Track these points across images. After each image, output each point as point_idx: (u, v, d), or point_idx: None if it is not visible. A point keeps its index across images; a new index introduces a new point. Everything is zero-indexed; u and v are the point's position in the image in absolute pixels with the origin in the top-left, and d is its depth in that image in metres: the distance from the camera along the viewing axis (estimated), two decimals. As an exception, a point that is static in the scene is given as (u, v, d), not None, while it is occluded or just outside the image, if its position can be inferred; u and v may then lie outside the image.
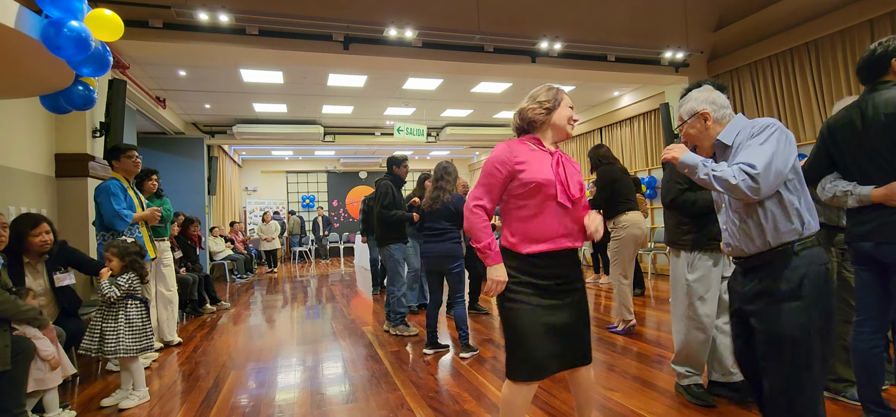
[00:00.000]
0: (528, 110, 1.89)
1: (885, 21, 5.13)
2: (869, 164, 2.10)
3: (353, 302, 6.66)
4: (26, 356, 2.52)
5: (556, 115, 1.88)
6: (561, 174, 1.83)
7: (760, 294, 1.69)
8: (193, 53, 5.45)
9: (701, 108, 1.79)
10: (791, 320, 1.61)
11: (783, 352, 1.63)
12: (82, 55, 2.43)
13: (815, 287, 1.60)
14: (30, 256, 3.18)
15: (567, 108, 1.90)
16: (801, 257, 1.62)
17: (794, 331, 1.60)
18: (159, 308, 4.41)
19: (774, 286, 1.65)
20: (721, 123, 1.79)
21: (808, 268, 1.61)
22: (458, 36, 5.80)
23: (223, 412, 2.91)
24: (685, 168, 1.71)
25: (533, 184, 1.78)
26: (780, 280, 1.63)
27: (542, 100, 1.88)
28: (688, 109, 1.83)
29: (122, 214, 3.66)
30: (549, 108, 1.87)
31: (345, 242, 15.40)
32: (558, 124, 1.89)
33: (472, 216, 1.84)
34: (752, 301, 1.72)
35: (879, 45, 2.10)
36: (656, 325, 4.49)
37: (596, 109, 9.77)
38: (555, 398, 2.89)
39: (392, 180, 4.66)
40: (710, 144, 1.81)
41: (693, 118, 1.81)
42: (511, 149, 1.84)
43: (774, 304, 1.65)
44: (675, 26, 6.55)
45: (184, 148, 9.10)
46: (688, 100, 1.84)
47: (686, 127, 1.84)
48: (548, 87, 1.91)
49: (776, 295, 1.64)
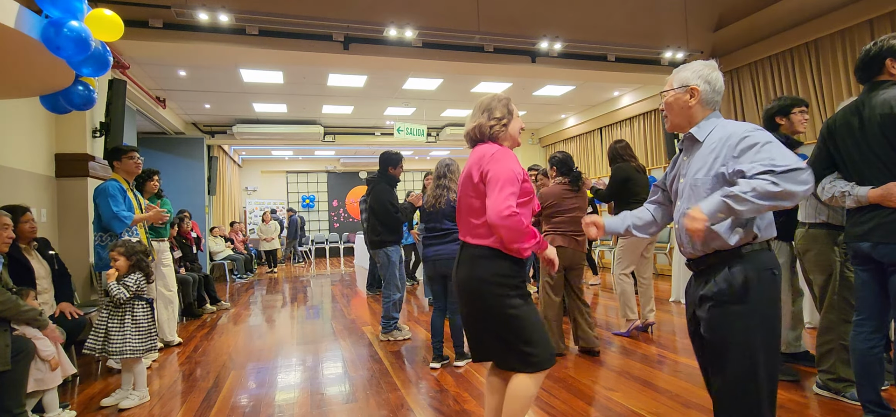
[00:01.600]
0: (487, 126, 1.99)
1: (885, 21, 5.13)
2: (866, 165, 2.11)
3: (352, 303, 6.66)
4: (26, 356, 2.53)
5: (511, 127, 2.01)
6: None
7: (707, 297, 1.64)
8: (193, 53, 5.45)
9: (693, 83, 1.65)
10: (734, 324, 1.57)
11: (726, 356, 1.60)
12: (82, 55, 2.43)
13: (759, 291, 1.56)
14: (22, 242, 3.23)
15: (518, 119, 2.05)
16: (748, 260, 1.57)
17: (737, 336, 1.57)
18: (159, 308, 4.41)
19: (719, 289, 1.60)
20: (705, 109, 1.67)
21: (753, 272, 1.56)
22: (458, 36, 5.80)
23: (223, 412, 2.91)
24: (717, 218, 1.51)
25: (531, 193, 1.93)
26: (725, 283, 1.59)
27: (499, 117, 1.99)
28: (680, 78, 1.69)
29: (120, 216, 3.66)
30: (506, 123, 2.00)
31: (345, 242, 15.41)
32: (513, 135, 2.02)
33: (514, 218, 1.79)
34: (700, 304, 1.67)
35: (874, 44, 2.11)
36: (658, 325, 4.49)
37: (596, 109, 9.76)
38: (555, 398, 2.89)
39: (387, 183, 4.39)
40: (683, 124, 1.70)
41: (681, 89, 1.68)
42: (514, 157, 1.95)
43: (719, 307, 1.60)
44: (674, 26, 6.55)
45: (184, 148, 9.09)
46: (684, 69, 1.70)
47: (670, 94, 1.71)
48: (498, 100, 2.02)
49: (720, 298, 1.60)
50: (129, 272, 3.05)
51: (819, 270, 2.67)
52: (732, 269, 1.58)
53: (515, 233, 1.82)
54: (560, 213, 3.73)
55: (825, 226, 2.64)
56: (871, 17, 5.25)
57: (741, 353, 1.56)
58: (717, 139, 1.60)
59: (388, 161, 4.41)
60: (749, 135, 1.51)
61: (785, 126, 2.86)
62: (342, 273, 10.58)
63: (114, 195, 3.69)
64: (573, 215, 3.73)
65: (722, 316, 1.60)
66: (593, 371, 3.35)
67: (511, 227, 1.80)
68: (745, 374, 1.56)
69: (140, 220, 3.85)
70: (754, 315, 1.56)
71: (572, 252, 3.71)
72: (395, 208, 4.33)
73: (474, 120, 2.02)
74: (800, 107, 2.83)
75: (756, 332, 1.56)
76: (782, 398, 2.71)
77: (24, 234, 3.20)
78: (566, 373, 3.32)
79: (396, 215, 4.33)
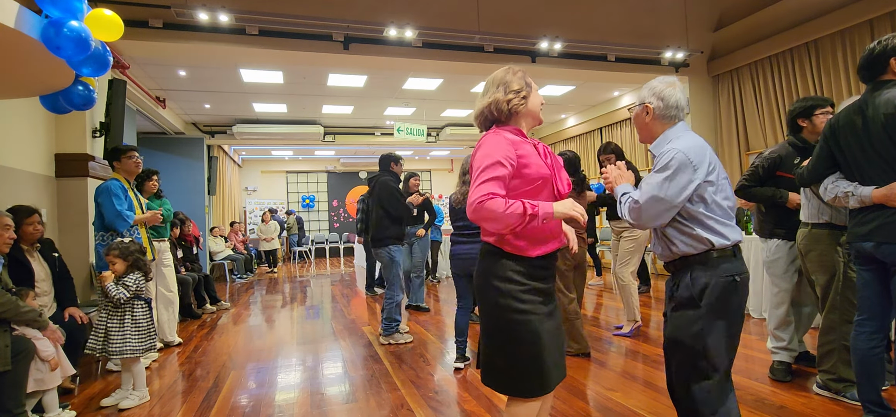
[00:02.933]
0: (504, 101, 1.68)
1: (885, 21, 5.13)
2: (869, 165, 2.10)
3: (352, 303, 6.65)
4: (26, 356, 2.53)
5: (530, 102, 1.72)
6: (551, 166, 1.69)
7: (670, 298, 1.79)
8: (193, 53, 5.45)
9: (647, 100, 1.79)
10: (686, 326, 1.69)
11: (676, 355, 1.74)
12: (82, 55, 2.42)
13: (714, 297, 1.65)
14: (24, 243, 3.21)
15: (537, 92, 1.77)
16: (707, 267, 1.67)
17: (688, 338, 1.68)
18: (160, 308, 4.41)
19: (680, 292, 1.73)
20: (664, 124, 1.78)
21: (711, 278, 1.66)
22: (458, 36, 5.80)
23: (223, 412, 2.91)
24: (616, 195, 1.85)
25: (539, 179, 1.62)
26: (685, 287, 1.71)
27: (517, 89, 1.69)
28: (640, 95, 1.83)
29: (124, 215, 3.66)
30: (525, 96, 1.70)
31: (345, 242, 15.41)
32: (533, 111, 1.73)
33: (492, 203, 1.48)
34: (668, 304, 1.82)
35: (878, 43, 2.09)
36: (657, 325, 4.49)
37: (596, 109, 9.76)
38: (555, 398, 2.88)
39: (391, 177, 4.48)
40: (646, 138, 1.85)
41: (639, 107, 1.83)
42: (507, 138, 1.62)
43: (678, 309, 1.73)
44: (674, 26, 6.55)
45: (184, 148, 9.09)
46: (644, 87, 1.83)
47: (634, 111, 1.86)
48: (513, 72, 1.73)
49: (680, 300, 1.72)
50: (127, 272, 3.06)
51: (822, 270, 2.66)
52: (694, 274, 1.69)
53: (493, 221, 1.51)
54: None
55: (828, 226, 2.63)
56: (871, 17, 5.25)
57: (691, 356, 1.68)
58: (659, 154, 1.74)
59: (389, 159, 4.54)
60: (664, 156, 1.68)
61: (807, 128, 2.83)
62: (342, 273, 10.58)
63: (117, 194, 3.69)
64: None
65: (679, 317, 1.72)
66: (593, 371, 3.34)
67: (485, 216, 1.50)
68: (692, 376, 1.68)
69: (139, 222, 3.85)
70: (708, 320, 1.65)
71: (581, 251, 3.68)
72: (401, 195, 4.34)
73: (488, 96, 1.71)
74: (823, 109, 2.79)
75: (706, 338, 1.65)
76: (782, 398, 2.71)
77: (26, 236, 3.19)
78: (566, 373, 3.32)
79: (403, 202, 4.32)
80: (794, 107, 2.91)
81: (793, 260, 2.97)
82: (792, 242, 2.93)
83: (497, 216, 1.49)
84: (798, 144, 2.86)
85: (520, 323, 1.60)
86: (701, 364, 1.66)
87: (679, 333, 1.71)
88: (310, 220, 15.46)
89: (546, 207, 1.54)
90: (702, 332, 1.65)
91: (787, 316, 3.02)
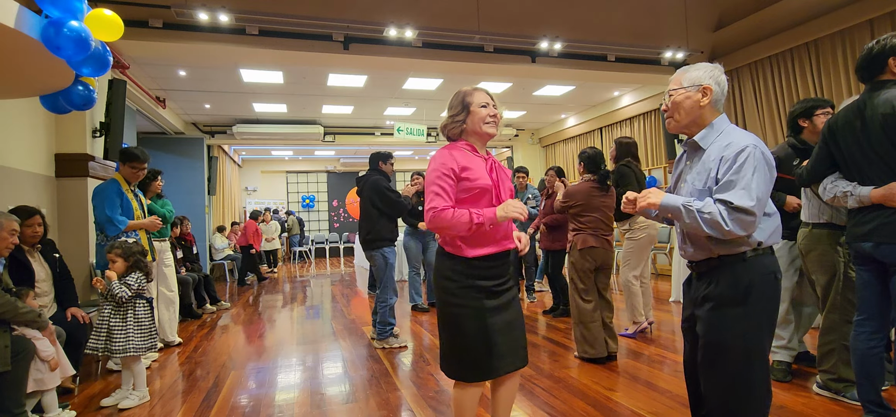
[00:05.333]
0: (446, 127, 1.90)
1: (886, 21, 5.13)
2: (868, 165, 2.10)
3: (352, 303, 6.65)
4: (26, 356, 2.53)
5: (469, 121, 1.86)
6: (495, 179, 1.86)
7: (707, 298, 1.66)
8: (193, 53, 5.45)
9: (707, 82, 1.65)
10: (732, 326, 1.60)
11: (722, 359, 1.62)
12: (82, 55, 2.42)
13: (760, 295, 1.59)
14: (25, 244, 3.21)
15: (480, 109, 1.85)
16: (749, 264, 1.60)
17: (735, 339, 1.59)
18: (161, 308, 4.41)
19: (720, 291, 1.62)
20: (714, 111, 1.68)
21: (755, 276, 1.59)
22: (458, 36, 5.80)
23: (223, 412, 2.91)
24: (667, 212, 1.64)
25: (477, 189, 1.79)
26: (727, 285, 1.61)
27: (453, 114, 1.87)
28: (691, 77, 1.68)
29: (114, 220, 3.62)
30: (462, 119, 1.86)
31: (345, 242, 15.41)
32: (475, 129, 1.86)
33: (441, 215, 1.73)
34: (700, 305, 1.69)
35: (877, 43, 2.09)
36: (658, 325, 4.49)
37: (596, 109, 9.76)
38: (555, 398, 2.88)
39: (381, 176, 4.31)
40: (690, 124, 1.70)
41: (693, 88, 1.66)
42: (452, 154, 1.82)
43: (718, 309, 1.62)
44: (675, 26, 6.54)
45: (184, 148, 9.09)
46: (694, 69, 1.69)
47: (679, 93, 1.69)
48: (457, 94, 1.89)
49: (721, 300, 1.62)
50: (128, 272, 3.06)
51: (822, 270, 2.66)
52: (736, 272, 1.60)
53: (446, 228, 1.76)
54: (587, 212, 3.60)
55: (828, 226, 2.63)
56: (870, 17, 5.24)
57: (737, 356, 1.59)
58: (717, 150, 1.61)
59: (379, 157, 4.45)
60: (742, 152, 1.53)
61: (808, 128, 2.83)
62: (342, 273, 10.58)
63: (110, 197, 3.67)
64: (600, 214, 3.61)
65: (721, 317, 1.62)
66: (593, 372, 3.34)
67: (438, 225, 1.75)
68: (738, 376, 1.59)
69: (135, 227, 3.79)
70: (753, 318, 1.59)
71: (603, 252, 3.58)
72: (393, 192, 4.21)
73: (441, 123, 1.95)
74: (823, 109, 2.80)
75: (753, 336, 1.59)
76: (782, 398, 2.71)
77: (26, 237, 3.17)
78: (566, 373, 3.32)
79: (395, 196, 4.19)
80: (795, 108, 2.92)
81: (793, 259, 2.97)
82: (792, 242, 2.93)
83: (447, 224, 1.74)
84: (798, 145, 2.86)
85: (456, 316, 1.82)
86: (752, 362, 1.59)
87: (724, 333, 1.61)
88: (310, 220, 15.46)
89: (490, 213, 1.76)
90: (751, 332, 1.59)
91: (788, 316, 3.01)
